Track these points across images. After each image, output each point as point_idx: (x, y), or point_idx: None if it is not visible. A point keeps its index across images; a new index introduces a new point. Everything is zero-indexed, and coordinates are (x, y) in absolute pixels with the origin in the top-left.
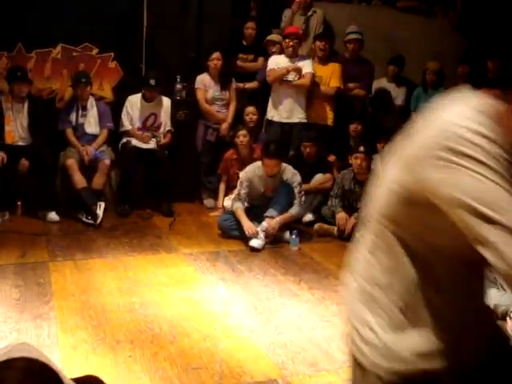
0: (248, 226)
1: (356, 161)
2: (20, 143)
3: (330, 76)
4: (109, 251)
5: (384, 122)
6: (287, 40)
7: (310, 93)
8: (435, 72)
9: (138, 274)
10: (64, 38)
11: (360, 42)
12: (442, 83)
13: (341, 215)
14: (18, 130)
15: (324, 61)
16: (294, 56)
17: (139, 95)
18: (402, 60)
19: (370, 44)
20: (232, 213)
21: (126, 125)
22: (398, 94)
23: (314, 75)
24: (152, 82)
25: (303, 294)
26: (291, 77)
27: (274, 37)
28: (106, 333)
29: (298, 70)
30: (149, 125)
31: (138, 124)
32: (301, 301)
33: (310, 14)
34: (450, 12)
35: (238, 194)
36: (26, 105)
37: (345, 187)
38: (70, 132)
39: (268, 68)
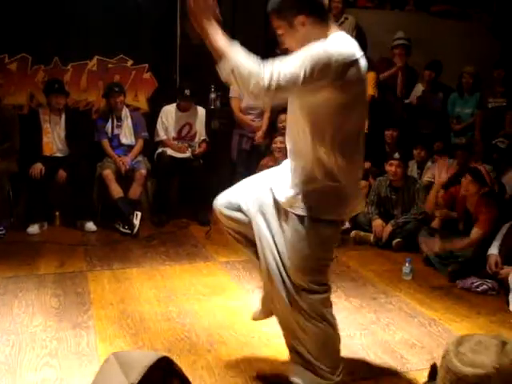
0: None
1: (391, 168)
2: (58, 155)
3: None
4: (146, 260)
5: (420, 128)
6: None
7: None
8: (471, 76)
9: (174, 283)
10: (99, 50)
11: (407, 48)
12: (478, 87)
13: (377, 222)
14: (55, 141)
15: None
16: None
17: (174, 105)
18: (439, 65)
19: None
20: None
21: (161, 135)
22: (435, 100)
23: None
24: (187, 92)
25: (340, 302)
26: None
27: None
28: (143, 341)
29: None
30: (184, 134)
31: (173, 134)
32: (338, 309)
33: (341, 20)
34: (484, 15)
35: None
36: (63, 117)
37: (381, 194)
38: (106, 143)
39: None
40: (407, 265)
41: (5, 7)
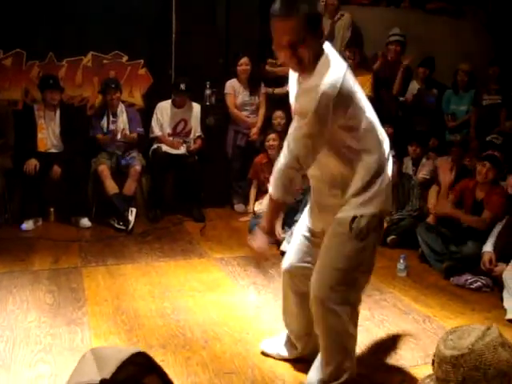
0: (277, 231)
1: None
2: (52, 150)
3: (362, 84)
4: (141, 257)
5: (415, 125)
6: None
7: None
8: (466, 73)
9: (169, 279)
10: (94, 46)
11: (402, 45)
12: (473, 85)
13: None
14: (50, 137)
15: (355, 69)
16: None
17: (169, 101)
18: (433, 62)
19: None
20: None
21: (156, 131)
22: (429, 97)
23: None
24: (182, 86)
25: None
26: None
27: None
28: (138, 338)
29: None
30: (179, 131)
31: (168, 130)
32: None
33: (337, 17)
34: (479, 12)
35: None
36: (57, 112)
37: None
38: (100, 137)
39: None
40: (402, 261)
41: None
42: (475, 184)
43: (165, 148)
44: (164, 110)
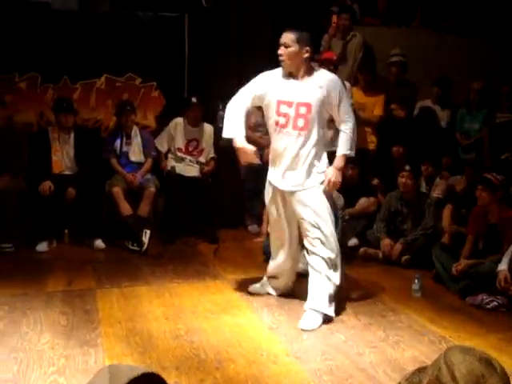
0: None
1: (401, 179)
2: (67, 172)
3: (374, 104)
4: (155, 278)
5: (428, 144)
6: (323, 67)
7: None
8: (478, 92)
9: (183, 300)
10: (108, 69)
11: (403, 65)
12: (486, 103)
13: (385, 242)
14: (64, 159)
15: (367, 90)
16: None
17: (184, 119)
18: (448, 82)
19: (411, 66)
20: None
21: (164, 147)
22: (443, 116)
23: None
24: (193, 99)
25: (349, 320)
26: None
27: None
28: (152, 359)
29: None
30: (191, 149)
31: (179, 145)
32: (347, 326)
33: (348, 37)
34: (491, 31)
35: None
36: (72, 135)
37: (391, 209)
38: (114, 161)
39: None
40: (416, 282)
41: (14, 26)
42: (484, 209)
43: (178, 170)
44: (178, 125)
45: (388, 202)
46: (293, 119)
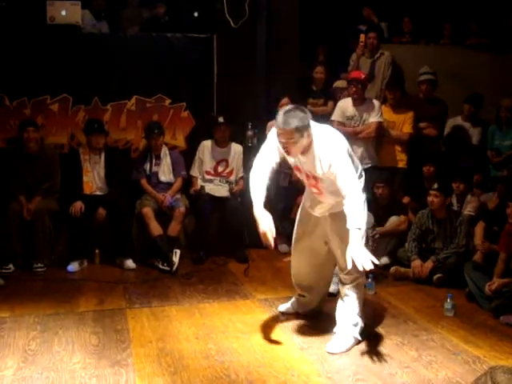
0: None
1: (429, 198)
2: (97, 193)
3: (403, 122)
4: (185, 298)
5: (459, 162)
6: (351, 86)
7: (381, 137)
8: (509, 109)
9: (213, 320)
10: (138, 90)
11: (433, 83)
12: None
13: (415, 263)
14: (95, 180)
15: (396, 107)
16: (359, 102)
17: (211, 140)
18: (479, 99)
19: (439, 83)
20: None
21: (196, 172)
22: (474, 134)
23: (380, 124)
24: (220, 119)
25: (381, 339)
26: (354, 122)
27: (339, 83)
28: (182, 379)
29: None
30: (220, 171)
31: (208, 168)
32: (379, 346)
33: (377, 56)
34: None
35: None
36: (102, 156)
37: (422, 227)
38: (144, 182)
39: (334, 118)
40: (449, 301)
41: (46, 49)
42: None
43: (208, 189)
44: (206, 148)
45: (419, 220)
46: (307, 182)
